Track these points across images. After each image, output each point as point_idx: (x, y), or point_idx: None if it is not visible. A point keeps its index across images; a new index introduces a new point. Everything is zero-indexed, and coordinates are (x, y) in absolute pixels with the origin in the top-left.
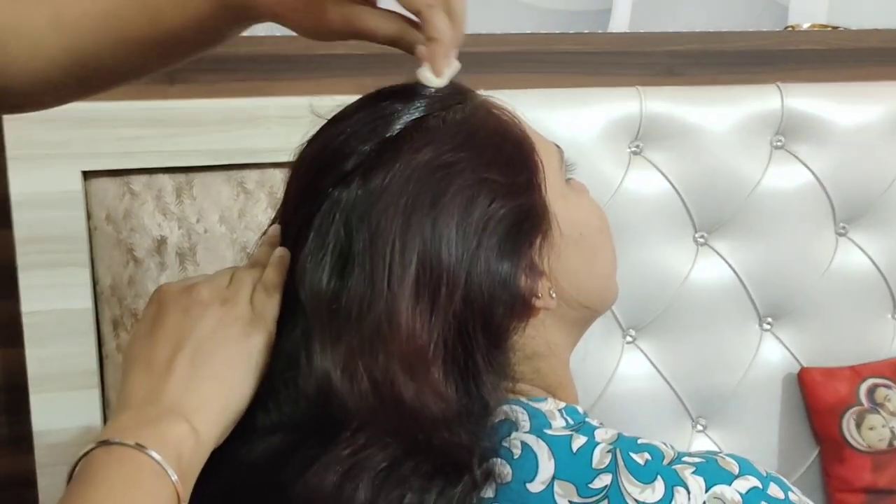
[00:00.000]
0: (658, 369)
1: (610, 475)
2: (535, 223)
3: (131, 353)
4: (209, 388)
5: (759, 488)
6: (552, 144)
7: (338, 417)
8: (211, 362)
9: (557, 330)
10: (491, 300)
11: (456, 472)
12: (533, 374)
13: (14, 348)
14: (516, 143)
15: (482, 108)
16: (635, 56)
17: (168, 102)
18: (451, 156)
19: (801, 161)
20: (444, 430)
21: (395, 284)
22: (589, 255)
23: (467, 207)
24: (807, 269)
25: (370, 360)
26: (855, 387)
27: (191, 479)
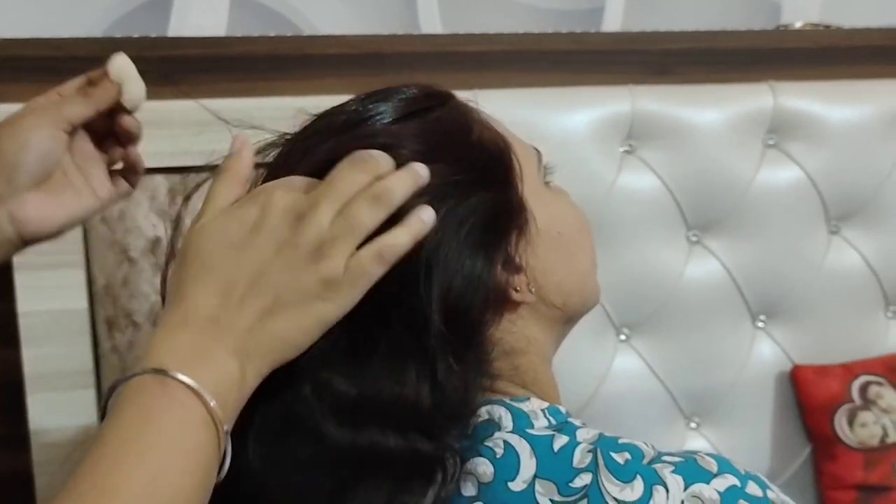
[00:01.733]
0: (651, 367)
1: (590, 474)
2: (510, 217)
3: (210, 252)
4: (269, 342)
5: (737, 486)
6: (530, 146)
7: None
8: (280, 316)
9: (537, 326)
10: (467, 292)
11: (429, 469)
12: (511, 371)
13: (10, 348)
14: (488, 141)
15: (455, 109)
16: (627, 55)
17: (163, 103)
18: (421, 159)
19: (794, 159)
20: (419, 424)
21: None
22: (567, 254)
23: (442, 207)
24: (799, 267)
25: None
26: (847, 384)
27: (232, 421)
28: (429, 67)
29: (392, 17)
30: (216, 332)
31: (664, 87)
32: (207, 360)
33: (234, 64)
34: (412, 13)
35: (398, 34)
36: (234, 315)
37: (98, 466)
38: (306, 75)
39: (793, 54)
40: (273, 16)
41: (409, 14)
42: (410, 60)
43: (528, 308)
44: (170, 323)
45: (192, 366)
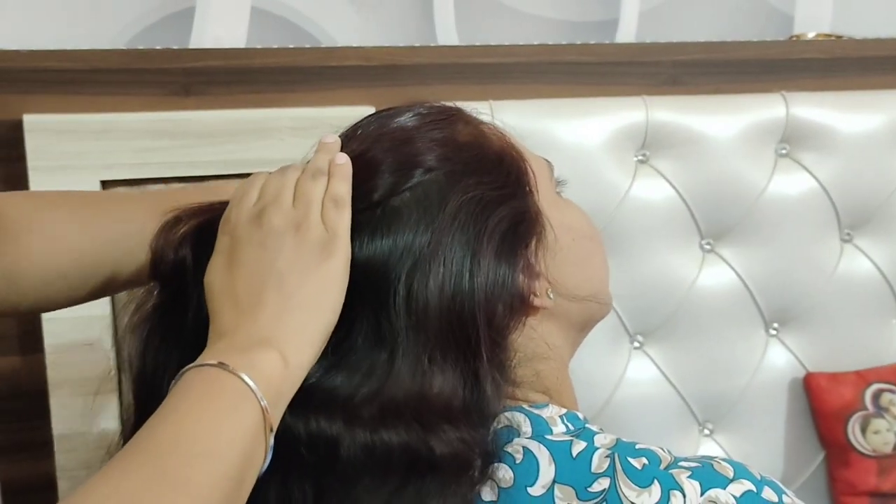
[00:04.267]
0: (665, 374)
1: (608, 479)
2: (530, 225)
3: (213, 288)
4: (301, 318)
5: (753, 492)
6: (542, 159)
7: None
8: (299, 293)
9: (556, 331)
10: (491, 299)
11: (456, 470)
12: (533, 377)
13: (35, 354)
14: (501, 152)
15: (470, 124)
16: (640, 66)
17: (182, 114)
18: (450, 174)
19: (806, 168)
20: (449, 424)
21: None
22: (581, 260)
23: (464, 222)
24: (812, 275)
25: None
26: (860, 391)
27: (281, 406)
28: (445, 78)
29: (409, 28)
30: (246, 335)
31: (678, 98)
32: (239, 353)
33: (254, 75)
34: (429, 25)
35: (415, 46)
36: (254, 317)
37: (146, 446)
38: (324, 86)
39: (805, 65)
40: (292, 28)
41: (426, 26)
42: (427, 72)
43: (546, 313)
44: (207, 346)
45: (224, 357)
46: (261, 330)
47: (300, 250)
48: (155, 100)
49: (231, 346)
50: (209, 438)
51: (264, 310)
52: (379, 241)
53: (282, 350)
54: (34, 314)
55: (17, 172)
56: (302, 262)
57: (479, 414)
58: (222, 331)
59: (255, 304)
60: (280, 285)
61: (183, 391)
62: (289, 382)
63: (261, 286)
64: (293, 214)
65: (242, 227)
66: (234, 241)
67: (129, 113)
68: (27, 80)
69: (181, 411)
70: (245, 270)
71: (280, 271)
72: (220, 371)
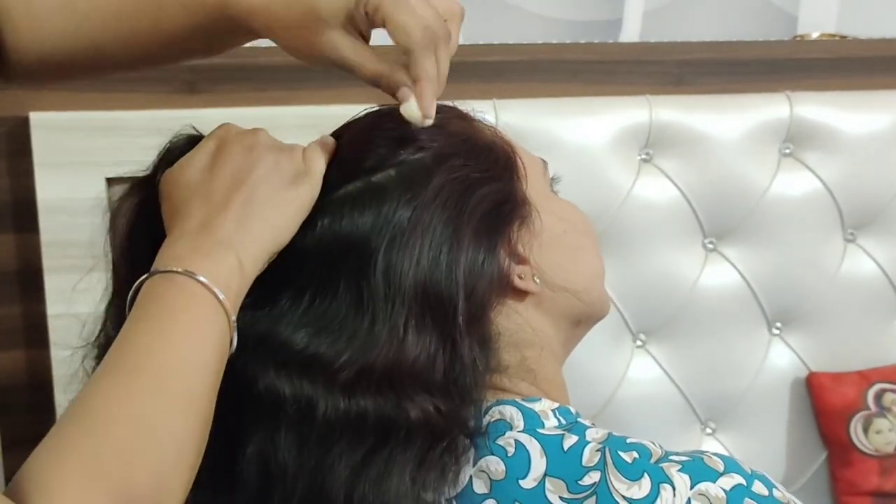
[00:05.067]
0: (668, 373)
1: (599, 472)
2: (514, 207)
3: (189, 183)
4: (259, 228)
5: (743, 485)
6: (536, 157)
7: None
8: (263, 205)
9: (544, 319)
10: (470, 275)
11: (430, 439)
12: (519, 365)
13: (40, 349)
14: (491, 142)
15: (462, 117)
16: (645, 65)
17: (188, 111)
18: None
19: (810, 168)
20: (426, 393)
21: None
22: (572, 253)
23: (446, 199)
24: (815, 275)
25: None
26: (863, 391)
27: (237, 304)
28: (449, 77)
29: None
30: (208, 232)
31: (681, 97)
32: (205, 256)
33: (260, 73)
34: None
35: None
36: (219, 214)
37: (127, 353)
38: (330, 85)
39: (809, 64)
40: None
41: None
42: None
43: (533, 299)
44: (168, 241)
45: (191, 261)
46: (223, 231)
47: (277, 167)
48: (161, 97)
49: (192, 249)
50: (201, 347)
51: (228, 210)
52: (363, 212)
53: (238, 255)
54: (46, 82)
55: (23, 169)
56: (276, 179)
57: (459, 386)
58: (184, 227)
59: (225, 203)
60: (250, 193)
61: (157, 300)
62: (243, 285)
63: (234, 188)
64: (280, 142)
65: (234, 133)
66: (221, 144)
67: (136, 110)
68: None
69: (162, 319)
70: (226, 168)
71: (254, 181)
72: (186, 279)
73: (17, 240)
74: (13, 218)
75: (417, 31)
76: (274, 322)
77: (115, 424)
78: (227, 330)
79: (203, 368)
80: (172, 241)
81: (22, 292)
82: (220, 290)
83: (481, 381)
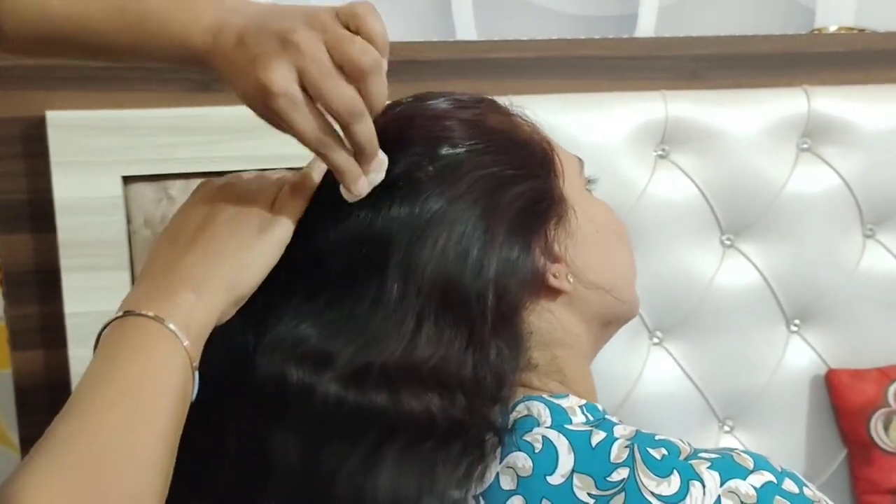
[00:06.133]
0: (685, 371)
1: (627, 469)
2: (551, 205)
3: (164, 230)
4: (219, 264)
5: (773, 483)
6: (573, 155)
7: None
8: (226, 244)
9: (576, 320)
10: (502, 272)
11: (465, 440)
12: (549, 364)
13: (58, 349)
14: (529, 138)
15: (501, 111)
16: (660, 60)
17: (203, 109)
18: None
19: (828, 163)
20: (462, 396)
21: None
22: (605, 252)
23: (479, 195)
24: (834, 271)
25: None
26: (883, 388)
27: (200, 344)
28: (463, 73)
29: (427, 23)
30: (168, 272)
31: (698, 92)
32: (163, 295)
33: None
34: (447, 20)
35: (433, 41)
36: (182, 256)
37: (94, 389)
38: None
39: (827, 58)
40: None
41: (444, 21)
42: (445, 67)
43: (565, 299)
44: (135, 284)
45: (148, 301)
46: (183, 270)
47: (247, 212)
48: (176, 96)
49: (154, 290)
50: (159, 382)
51: (190, 251)
52: (396, 211)
53: (199, 291)
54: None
55: (39, 168)
56: (240, 224)
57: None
58: (148, 270)
59: (188, 246)
60: (213, 235)
61: (118, 340)
62: (206, 323)
63: (198, 232)
64: (253, 187)
65: (209, 188)
66: (194, 198)
67: (151, 109)
68: (50, 77)
69: (123, 359)
70: (191, 218)
71: (217, 224)
72: (150, 321)
73: (35, 240)
74: (30, 218)
75: (311, 136)
76: (291, 317)
77: (88, 451)
78: (187, 365)
79: (163, 395)
80: (137, 283)
81: (39, 292)
82: (180, 328)
83: (510, 380)
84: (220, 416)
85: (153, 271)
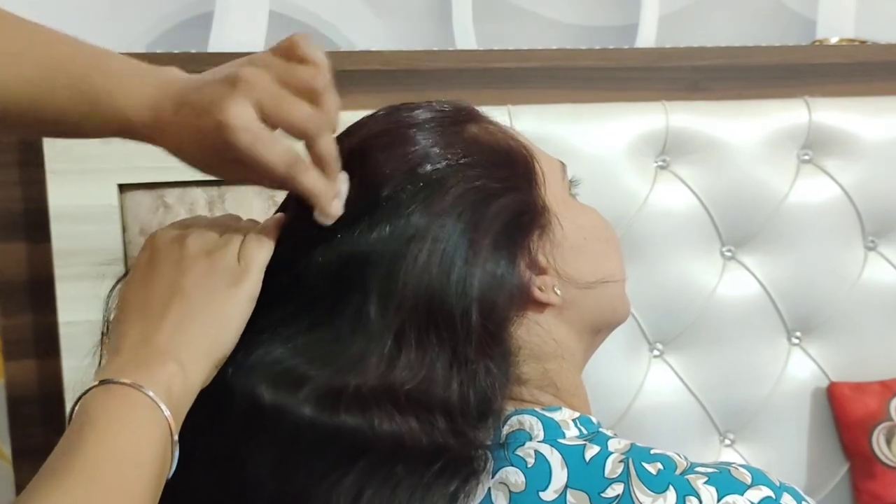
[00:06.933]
0: (685, 383)
1: (622, 484)
2: (534, 217)
3: (127, 299)
4: (196, 331)
5: (772, 498)
6: (555, 159)
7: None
8: (200, 312)
9: (564, 330)
10: (488, 288)
11: (445, 461)
12: (540, 377)
13: (51, 358)
14: (509, 148)
15: (482, 120)
16: (661, 71)
17: None
18: (443, 168)
19: (829, 175)
20: (442, 418)
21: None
22: (594, 261)
23: (463, 210)
24: (835, 283)
25: None
26: (885, 402)
27: (181, 414)
28: (463, 83)
29: (427, 33)
30: (147, 345)
31: (698, 103)
32: (142, 367)
33: None
34: (447, 29)
35: (433, 50)
36: (157, 326)
37: (44, 487)
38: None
39: (828, 70)
40: (310, 32)
41: (444, 30)
42: (445, 76)
43: (554, 311)
44: (108, 359)
45: (126, 372)
46: (161, 342)
47: (209, 274)
48: None
49: (133, 360)
50: (138, 448)
51: (165, 320)
52: (378, 230)
53: (179, 360)
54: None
55: (35, 177)
56: (208, 284)
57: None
58: (122, 343)
59: (161, 317)
60: (184, 302)
61: (96, 409)
62: (187, 393)
63: (168, 300)
64: (212, 243)
65: (163, 244)
66: (152, 256)
67: None
68: None
69: (100, 428)
70: (156, 285)
71: (186, 289)
72: (128, 389)
73: (29, 248)
74: (25, 227)
75: (279, 163)
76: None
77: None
78: (167, 437)
79: (141, 467)
80: (110, 357)
81: (33, 301)
82: (160, 397)
83: (499, 399)
84: (194, 434)
85: (126, 345)
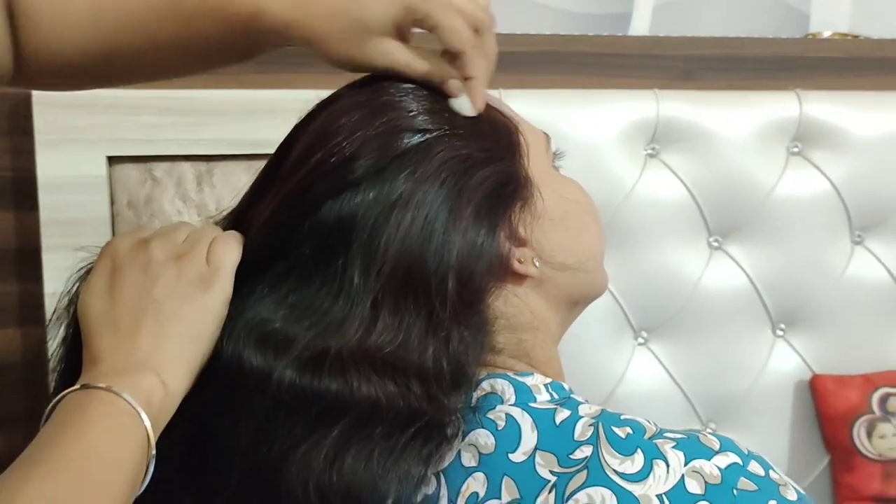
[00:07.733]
0: (669, 372)
1: (591, 447)
2: (516, 189)
3: (92, 312)
4: (175, 344)
5: (739, 464)
6: (539, 130)
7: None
8: (175, 320)
9: (542, 302)
10: (466, 257)
11: (420, 426)
12: (516, 347)
13: (36, 327)
14: (493, 119)
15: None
16: (654, 59)
17: (190, 92)
18: (427, 137)
19: (818, 168)
20: (418, 383)
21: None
22: (574, 234)
23: (446, 178)
24: (821, 277)
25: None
26: (867, 395)
27: (159, 428)
28: None
29: None
30: (124, 359)
31: (690, 93)
32: (122, 374)
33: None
34: None
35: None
36: (132, 341)
37: (19, 474)
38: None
39: (820, 63)
40: None
41: None
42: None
43: (532, 283)
44: (84, 369)
45: (107, 379)
46: (139, 355)
47: (179, 280)
48: None
49: (112, 370)
50: (115, 449)
51: (140, 334)
52: (363, 195)
53: (160, 374)
54: (63, 90)
55: (25, 147)
56: (180, 291)
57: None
58: (99, 355)
59: (134, 330)
60: (157, 312)
61: (74, 409)
62: (167, 406)
63: (140, 312)
64: (178, 248)
65: (125, 252)
66: (115, 265)
67: (138, 89)
68: None
69: (80, 427)
70: (125, 296)
71: (157, 299)
72: (107, 393)
73: (17, 217)
74: (13, 196)
75: (466, 32)
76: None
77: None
78: (144, 444)
79: (121, 465)
80: (87, 369)
81: (19, 270)
82: (140, 405)
83: (473, 367)
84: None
85: (104, 357)
